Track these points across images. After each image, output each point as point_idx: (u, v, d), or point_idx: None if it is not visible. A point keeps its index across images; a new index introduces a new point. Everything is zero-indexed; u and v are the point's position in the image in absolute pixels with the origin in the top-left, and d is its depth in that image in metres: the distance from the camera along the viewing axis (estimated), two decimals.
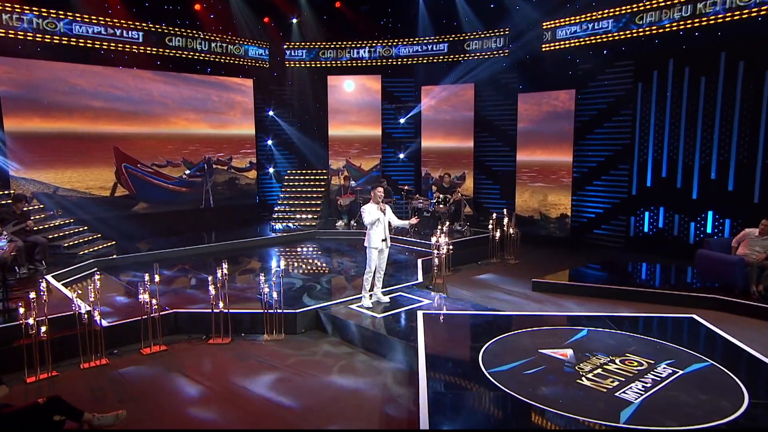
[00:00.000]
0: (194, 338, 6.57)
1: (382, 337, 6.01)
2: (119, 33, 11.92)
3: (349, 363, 5.83)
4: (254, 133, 14.52)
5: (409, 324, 6.29)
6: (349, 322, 6.46)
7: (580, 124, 11.97)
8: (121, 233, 11.13)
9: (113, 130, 12.18)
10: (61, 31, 11.13)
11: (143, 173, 12.72)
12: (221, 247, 11.12)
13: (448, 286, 8.32)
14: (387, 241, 6.86)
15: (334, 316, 6.67)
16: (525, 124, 12.64)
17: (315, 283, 8.24)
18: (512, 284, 8.81)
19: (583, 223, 12.24)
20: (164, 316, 6.59)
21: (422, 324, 6.06)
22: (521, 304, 7.77)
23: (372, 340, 6.13)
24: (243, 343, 6.44)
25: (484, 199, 13.94)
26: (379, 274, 7.00)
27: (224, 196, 14.09)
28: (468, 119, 13.59)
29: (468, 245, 10.81)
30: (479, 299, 7.85)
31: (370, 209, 6.72)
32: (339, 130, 14.51)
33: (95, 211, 11.71)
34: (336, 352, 6.16)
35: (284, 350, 6.19)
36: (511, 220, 10.51)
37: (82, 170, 11.76)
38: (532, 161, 12.57)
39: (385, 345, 5.96)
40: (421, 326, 5.99)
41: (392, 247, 10.63)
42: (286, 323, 6.66)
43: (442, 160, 13.97)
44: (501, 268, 9.95)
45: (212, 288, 6.42)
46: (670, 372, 4.81)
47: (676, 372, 4.81)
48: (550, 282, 8.48)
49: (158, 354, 6.08)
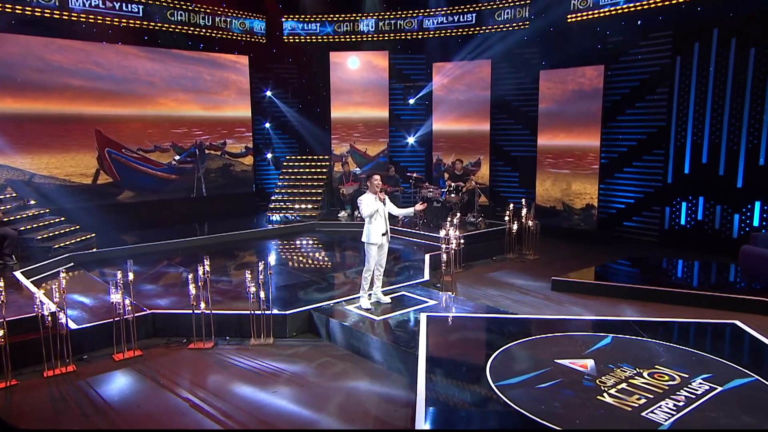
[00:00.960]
0: (174, 342, 6.44)
1: (379, 342, 5.84)
2: (101, 4, 11.72)
3: (342, 372, 5.67)
4: (250, 116, 14.40)
5: (410, 328, 6.14)
6: (344, 326, 6.30)
7: (610, 104, 11.75)
8: (104, 224, 11.05)
9: (95, 112, 12.06)
10: (35, 1, 10.96)
11: (128, 159, 12.63)
12: (213, 240, 11.07)
13: (458, 284, 8.15)
14: (387, 235, 6.70)
15: (328, 318, 6.51)
16: (547, 104, 12.41)
17: (311, 281, 8.11)
18: (530, 283, 8.64)
19: (611, 215, 12.04)
20: (141, 317, 6.47)
21: (425, 328, 5.90)
22: (538, 305, 7.57)
23: (369, 345, 5.97)
24: (227, 347, 6.31)
25: (501, 187, 13.78)
26: (379, 271, 6.85)
27: (217, 184, 14.00)
28: (484, 99, 13.35)
29: (482, 239, 10.65)
30: (492, 300, 7.69)
31: (368, 200, 6.56)
32: (342, 111, 14.31)
33: (76, 200, 11.64)
34: (328, 359, 6.00)
35: (271, 356, 6.04)
36: (530, 211, 10.33)
37: (60, 155, 11.68)
38: (555, 146, 12.34)
39: (382, 351, 5.80)
40: (423, 330, 5.83)
41: (397, 240, 10.85)
42: (275, 326, 6.52)
43: (455, 144, 13.80)
44: (518, 265, 9.79)
45: (192, 287, 6.22)
46: (707, 388, 4.54)
47: (714, 388, 4.54)
48: (572, 281, 8.26)
49: (132, 360, 5.94)
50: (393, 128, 14.42)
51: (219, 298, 7.25)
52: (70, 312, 6.52)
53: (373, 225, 6.57)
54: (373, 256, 6.65)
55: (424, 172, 14.21)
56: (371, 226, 6.58)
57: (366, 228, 6.64)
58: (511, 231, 10.08)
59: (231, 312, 6.67)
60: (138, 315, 6.37)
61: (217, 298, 7.22)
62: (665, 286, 7.92)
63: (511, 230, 10.08)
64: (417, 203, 6.96)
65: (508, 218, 10.08)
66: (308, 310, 6.78)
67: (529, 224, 10.24)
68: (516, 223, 10.08)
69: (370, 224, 6.58)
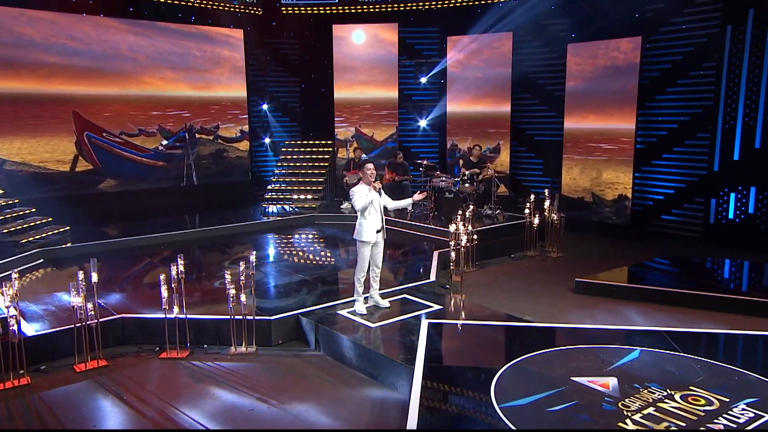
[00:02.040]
0: (145, 351, 6.31)
1: (372, 353, 5.66)
2: None
3: (330, 387, 5.49)
4: (246, 96, 14.31)
5: (409, 336, 5.93)
6: (334, 333, 6.12)
7: (648, 81, 11.50)
8: (83, 216, 11.01)
9: (72, 92, 11.99)
10: None
11: (110, 144, 12.59)
12: (202, 234, 11.03)
13: (469, 286, 7.97)
14: (383, 231, 6.52)
15: (318, 325, 6.33)
16: (576, 82, 12.17)
17: (304, 281, 7.97)
18: (551, 284, 8.42)
19: (647, 207, 11.83)
20: (109, 323, 6.35)
21: (425, 337, 5.71)
22: (559, 311, 7.33)
23: (361, 356, 5.79)
24: (203, 357, 6.16)
25: (522, 176, 13.65)
26: (375, 272, 6.67)
27: (210, 171, 13.95)
28: (504, 77, 13.12)
29: (499, 234, 10.49)
30: (505, 304, 7.49)
31: (362, 191, 6.37)
32: (346, 92, 14.15)
33: (51, 189, 11.63)
34: (315, 371, 5.84)
35: (251, 368, 5.90)
36: (553, 203, 10.09)
37: (34, 140, 11.63)
38: (584, 129, 12.10)
39: (376, 363, 5.62)
40: (423, 340, 5.64)
41: (405, 235, 10.72)
42: (258, 333, 6.37)
43: (471, 128, 13.61)
44: (539, 264, 9.60)
45: (164, 288, 6.04)
46: (751, 416, 4.23)
47: (760, 416, 4.23)
48: (598, 283, 8.01)
49: (95, 371, 5.80)
50: (403, 110, 14.28)
51: (199, 301, 7.11)
52: (33, 316, 6.41)
53: (367, 220, 6.38)
54: (366, 255, 6.47)
55: (438, 159, 14.05)
56: (365, 222, 6.40)
57: (358, 223, 6.45)
58: (532, 225, 9.89)
59: (209, 317, 6.51)
60: (104, 320, 6.21)
61: (195, 300, 7.10)
62: (708, 290, 7.59)
63: (531, 224, 9.88)
64: (415, 193, 6.72)
65: (529, 211, 9.90)
66: (296, 315, 6.61)
67: (553, 218, 10.01)
68: (537, 216, 9.88)
69: (363, 219, 6.40)
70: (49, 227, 10.12)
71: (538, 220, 9.87)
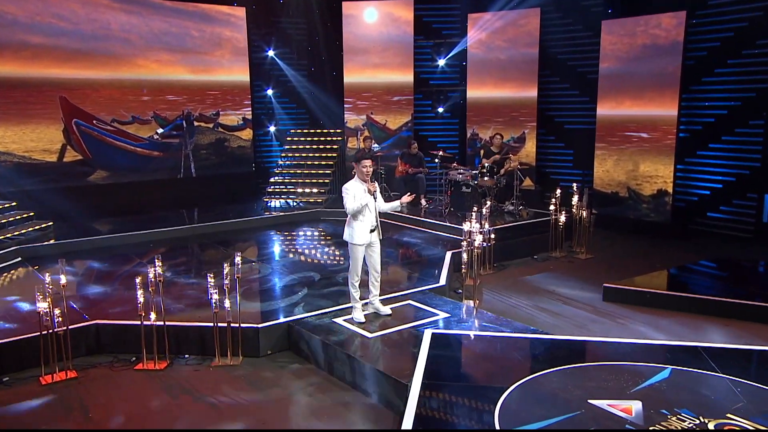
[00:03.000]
0: (120, 361, 6.20)
1: (366, 368, 5.47)
2: None
3: (318, 405, 5.32)
4: (249, 81, 14.19)
5: (409, 349, 5.73)
6: (326, 344, 5.94)
7: (693, 62, 11.18)
8: (72, 210, 10.99)
9: (59, 75, 11.93)
10: None
11: (101, 132, 12.53)
12: (196, 231, 10.97)
13: (484, 290, 7.96)
14: (378, 232, 6.33)
15: (310, 334, 6.16)
16: (611, 63, 11.87)
17: (301, 284, 7.83)
18: (577, 290, 8.24)
19: (691, 204, 11.55)
20: (82, 329, 6.27)
21: (426, 349, 5.51)
22: (583, 321, 7.11)
23: (355, 371, 5.62)
24: (183, 369, 6.05)
25: (550, 168, 13.44)
26: (374, 275, 6.50)
27: (210, 162, 13.87)
28: (530, 58, 12.88)
29: (521, 232, 10.34)
30: (524, 311, 7.35)
31: (355, 189, 6.17)
32: (357, 75, 13.96)
33: (37, 181, 11.62)
34: (304, 387, 5.68)
35: (234, 382, 5.76)
36: (582, 198, 9.84)
37: (18, 128, 11.61)
38: (619, 115, 11.81)
39: (370, 379, 5.45)
40: (423, 353, 5.44)
41: (417, 233, 10.65)
42: (245, 342, 6.24)
43: (494, 114, 13.39)
44: (565, 266, 9.42)
45: (140, 292, 5.91)
46: None
47: None
48: (630, 289, 7.74)
49: (62, 384, 5.70)
50: (419, 95, 14.10)
51: (186, 305, 7.02)
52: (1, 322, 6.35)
53: (359, 221, 6.19)
54: (359, 258, 6.29)
55: (457, 149, 13.89)
56: (356, 222, 6.20)
57: (348, 224, 6.27)
58: (558, 223, 9.69)
59: (190, 324, 6.38)
60: (74, 327, 6.12)
61: (183, 304, 7.02)
62: (759, 299, 7.27)
63: (557, 222, 9.69)
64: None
65: (554, 207, 9.73)
66: (287, 322, 6.46)
67: (582, 214, 9.79)
68: (564, 212, 9.67)
69: (355, 220, 6.21)
70: (30, 222, 10.13)
71: (564, 218, 9.67)
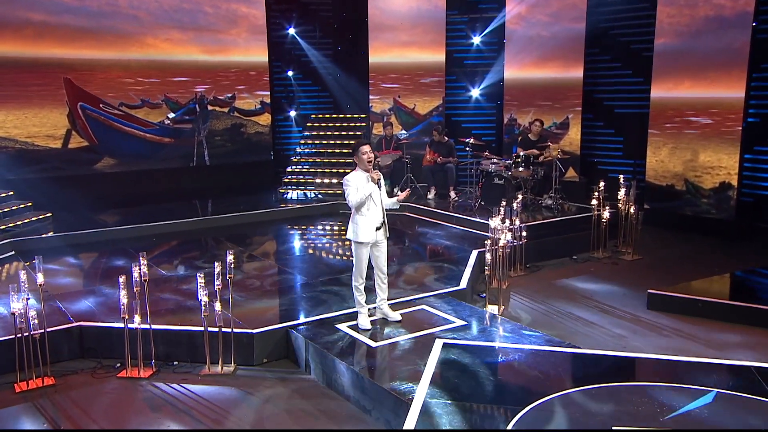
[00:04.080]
0: (104, 367, 6.16)
1: (366, 381, 5.29)
2: None
3: (312, 421, 5.19)
4: (267, 61, 14.28)
5: (416, 361, 5.51)
6: (324, 353, 5.78)
7: (765, 36, 10.68)
8: (78, 201, 11.14)
9: (63, 55, 12.13)
10: None
11: (108, 117, 12.74)
12: (204, 224, 11.03)
13: (512, 294, 7.85)
14: (385, 229, 6.17)
15: (308, 342, 6.02)
16: (668, 39, 11.51)
17: (307, 285, 7.77)
18: (618, 296, 7.99)
19: (760, 199, 11.09)
20: (64, 332, 6.26)
21: (434, 362, 5.33)
22: (622, 332, 6.83)
23: (353, 384, 5.44)
24: (170, 377, 5.97)
25: (598, 157, 13.09)
26: (381, 277, 6.34)
27: (225, 149, 14.01)
28: (576, 34, 12.61)
29: (560, 229, 10.15)
30: (554, 320, 7.14)
31: (357, 180, 6.05)
32: (383, 55, 13.87)
33: (40, 169, 11.85)
34: (299, 401, 5.54)
35: (224, 393, 5.65)
36: (629, 192, 9.58)
37: (20, 111, 11.86)
38: (677, 98, 11.45)
39: (370, 394, 5.25)
40: (431, 366, 5.26)
41: (440, 228, 10.49)
42: (240, 349, 6.14)
43: (534, 98, 13.17)
44: (608, 268, 9.17)
45: (123, 293, 5.83)
46: None
47: None
48: (679, 297, 7.40)
49: (38, 392, 5.66)
50: (451, 77, 13.92)
51: (175, 307, 6.96)
52: None
53: (364, 216, 6.05)
54: (364, 258, 6.13)
55: (494, 136, 13.68)
56: (361, 218, 6.05)
57: (353, 220, 6.13)
58: (601, 220, 9.44)
59: (179, 328, 6.30)
60: (53, 329, 6.10)
61: (172, 306, 6.96)
62: None
63: (600, 219, 9.44)
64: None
65: (597, 201, 9.51)
66: (285, 327, 6.33)
67: (631, 211, 9.50)
68: (607, 208, 9.43)
69: (359, 215, 6.06)
70: (28, 213, 10.26)
71: (608, 214, 9.41)
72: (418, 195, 11.83)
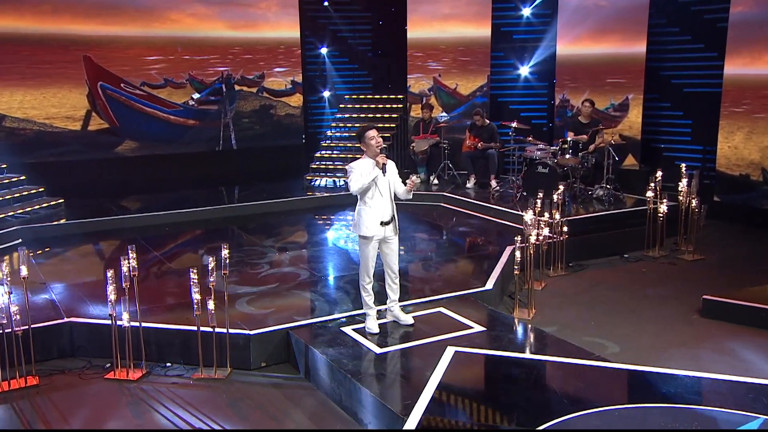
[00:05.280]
0: (93, 367, 6.18)
1: (362, 392, 5.15)
2: None
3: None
4: (299, 37, 14.28)
5: (422, 370, 5.36)
6: (322, 358, 5.68)
7: None
8: (96, 186, 11.39)
9: (82, 32, 12.34)
10: None
11: (129, 97, 12.93)
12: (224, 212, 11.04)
13: (548, 296, 7.68)
14: (394, 224, 6.03)
15: (307, 346, 5.94)
16: (745, 7, 11.23)
17: (317, 282, 7.70)
18: (671, 301, 7.69)
19: None
20: (53, 329, 6.30)
21: (441, 373, 5.17)
22: (665, 343, 6.55)
23: (351, 395, 5.32)
24: (159, 380, 5.97)
25: (663, 142, 12.67)
26: (391, 277, 6.20)
27: (253, 132, 14.08)
28: (639, 3, 12.32)
29: (609, 224, 9.82)
30: (591, 326, 6.92)
31: (363, 167, 5.91)
32: (423, 29, 13.78)
33: (59, 152, 12.10)
34: (292, 410, 5.46)
35: (213, 400, 5.61)
36: (691, 183, 9.27)
37: (38, 91, 12.13)
38: (755, 76, 11.11)
39: (365, 406, 5.12)
40: (437, 377, 5.10)
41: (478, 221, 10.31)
42: (236, 352, 6.11)
43: (589, 76, 12.85)
44: (662, 269, 8.89)
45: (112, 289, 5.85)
46: None
47: None
48: (740, 304, 7.05)
49: (18, 393, 5.71)
50: (498, 53, 13.66)
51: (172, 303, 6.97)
52: None
53: (369, 207, 5.92)
54: (370, 255, 6.00)
55: (546, 119, 13.38)
56: (365, 209, 5.93)
57: (357, 211, 6.02)
58: (658, 215, 9.15)
59: (172, 327, 6.30)
60: (41, 326, 6.15)
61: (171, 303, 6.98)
62: None
63: (656, 213, 9.15)
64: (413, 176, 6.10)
65: (653, 193, 9.28)
66: (286, 329, 6.25)
67: (691, 204, 9.17)
68: (665, 201, 9.12)
69: (363, 205, 5.95)
70: (39, 199, 10.47)
71: (666, 207, 9.10)
72: (456, 184, 11.65)
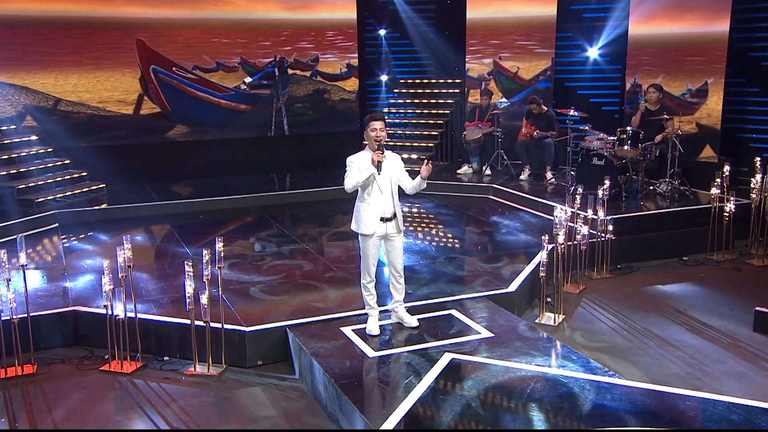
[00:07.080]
0: (93, 358, 6.25)
1: (342, 399, 4.99)
2: None
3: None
4: (356, 19, 14.19)
5: (411, 379, 5.18)
6: (311, 360, 5.56)
7: None
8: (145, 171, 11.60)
9: (134, 15, 12.55)
10: None
11: (181, 81, 13.06)
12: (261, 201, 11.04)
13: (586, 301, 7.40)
14: (397, 222, 5.83)
15: (302, 347, 5.80)
16: None
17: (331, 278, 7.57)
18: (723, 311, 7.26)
19: None
20: (57, 317, 6.42)
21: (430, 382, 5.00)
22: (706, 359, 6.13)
23: (333, 400, 5.21)
24: (153, 374, 6.00)
25: (747, 132, 11.88)
26: (395, 276, 6.02)
27: (306, 118, 14.10)
28: None
29: (669, 222, 9.34)
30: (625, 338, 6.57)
31: (361, 161, 5.75)
32: (482, 9, 13.41)
33: (110, 136, 12.41)
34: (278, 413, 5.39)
35: (200, 398, 5.59)
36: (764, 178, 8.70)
37: (92, 75, 12.43)
38: None
39: (345, 413, 4.98)
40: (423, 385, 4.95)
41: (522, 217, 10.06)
42: (232, 348, 6.08)
43: (663, 59, 12.13)
44: (724, 275, 8.45)
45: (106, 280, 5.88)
46: None
47: None
48: None
49: (14, 381, 5.83)
50: (565, 33, 13.07)
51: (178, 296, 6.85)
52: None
53: (367, 204, 5.75)
54: (370, 254, 5.82)
55: (618, 106, 12.75)
56: (363, 205, 5.77)
57: (356, 208, 5.86)
58: (724, 213, 8.58)
59: (168, 320, 6.32)
60: (43, 314, 6.30)
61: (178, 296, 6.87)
62: None
63: (722, 212, 8.59)
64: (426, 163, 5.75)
65: (719, 190, 8.73)
66: (284, 327, 6.16)
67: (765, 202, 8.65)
68: (732, 198, 8.55)
69: (360, 201, 5.80)
70: (81, 183, 10.76)
71: (733, 205, 8.51)
72: (509, 175, 11.26)
